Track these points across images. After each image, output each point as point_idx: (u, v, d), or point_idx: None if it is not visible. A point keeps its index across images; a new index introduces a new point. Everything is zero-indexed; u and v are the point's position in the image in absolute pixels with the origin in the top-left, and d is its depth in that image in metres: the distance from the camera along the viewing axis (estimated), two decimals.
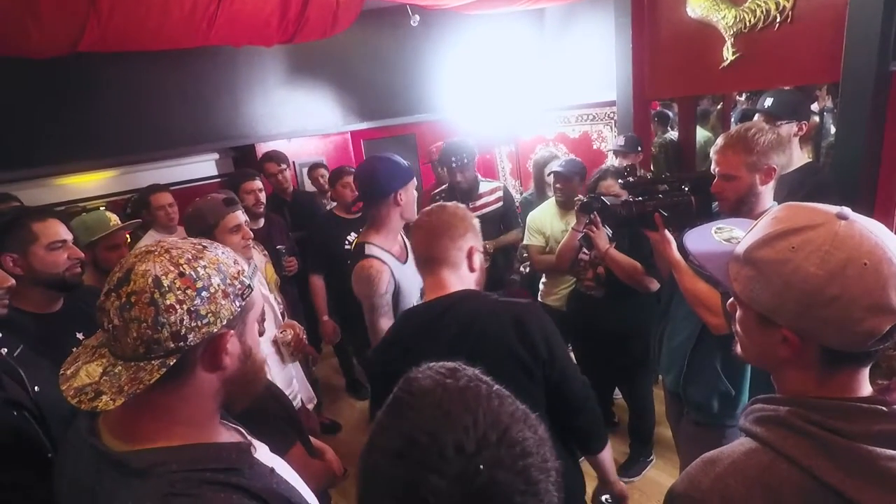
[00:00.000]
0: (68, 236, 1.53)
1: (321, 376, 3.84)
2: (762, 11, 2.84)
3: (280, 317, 2.13)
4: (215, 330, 0.73)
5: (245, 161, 4.16)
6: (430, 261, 1.35)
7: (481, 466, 0.49)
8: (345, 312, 2.91)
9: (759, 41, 2.90)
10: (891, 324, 0.65)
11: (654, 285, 2.30)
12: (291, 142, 4.38)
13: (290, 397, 1.99)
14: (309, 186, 4.43)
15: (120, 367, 0.71)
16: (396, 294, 1.89)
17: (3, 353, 1.20)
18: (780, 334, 0.72)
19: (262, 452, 0.90)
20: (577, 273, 2.64)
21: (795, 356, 0.73)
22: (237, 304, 0.75)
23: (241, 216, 1.88)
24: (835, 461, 0.67)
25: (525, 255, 3.20)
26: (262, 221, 2.99)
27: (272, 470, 0.84)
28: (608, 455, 1.43)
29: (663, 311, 1.92)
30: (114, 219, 2.17)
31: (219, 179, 4.17)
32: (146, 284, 0.69)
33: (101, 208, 2.99)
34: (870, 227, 0.68)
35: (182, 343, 0.70)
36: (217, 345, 0.75)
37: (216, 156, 4.26)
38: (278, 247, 2.93)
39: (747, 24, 2.91)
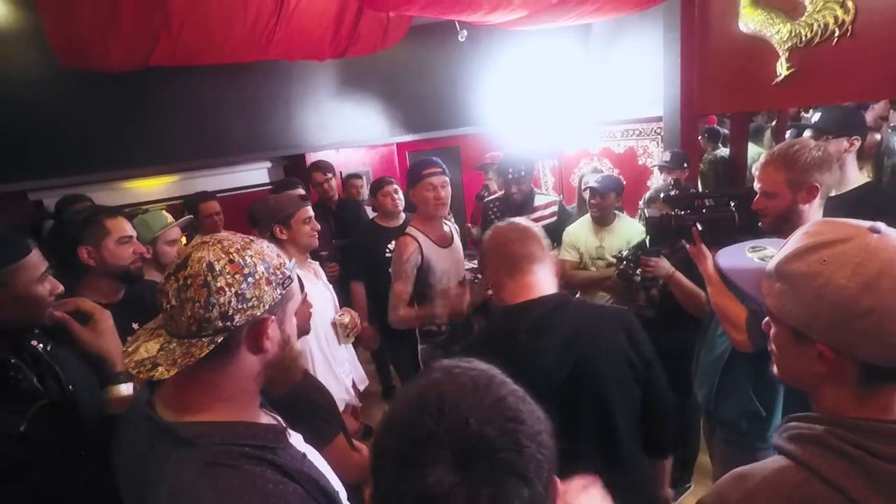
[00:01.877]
0: (133, 233, 1.67)
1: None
2: (819, 26, 2.75)
3: (337, 302, 2.28)
4: (258, 313, 0.80)
5: (295, 170, 4.34)
6: (523, 259, 1.31)
7: (471, 420, 0.55)
8: (384, 319, 2.98)
9: (816, 56, 2.80)
10: None
11: None
12: (339, 152, 4.54)
13: (344, 375, 2.16)
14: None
15: (174, 344, 0.79)
16: (426, 270, 2.23)
17: (41, 350, 1.23)
18: (815, 349, 0.71)
19: (297, 439, 0.96)
20: (630, 295, 2.58)
21: (832, 372, 0.71)
22: (279, 291, 0.83)
23: (311, 210, 2.11)
24: (872, 484, 0.65)
25: None
26: None
27: (304, 455, 0.90)
28: (669, 463, 1.50)
29: (704, 329, 1.88)
30: (170, 217, 2.34)
31: (270, 187, 4.37)
32: (201, 269, 0.77)
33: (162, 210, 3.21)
34: None
35: (229, 322, 0.78)
36: (259, 328, 0.82)
37: (269, 164, 4.47)
38: (321, 253, 3.04)
39: (803, 38, 2.82)
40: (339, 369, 2.10)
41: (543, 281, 1.32)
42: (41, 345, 1.27)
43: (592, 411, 1.23)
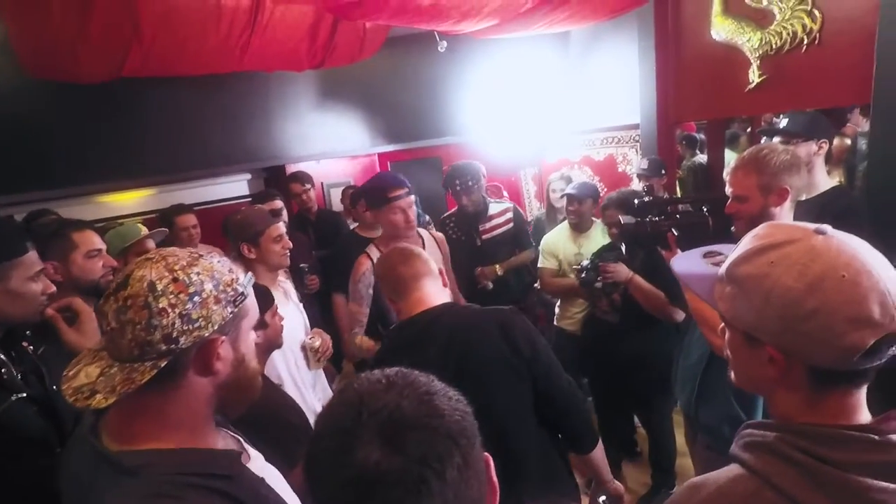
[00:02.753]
0: (102, 246, 1.64)
1: None
2: (788, 34, 2.81)
3: (308, 324, 2.20)
4: (206, 334, 0.76)
5: (276, 181, 4.31)
6: (410, 279, 1.39)
7: (388, 401, 0.57)
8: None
9: (786, 63, 2.86)
10: (875, 337, 0.63)
11: (679, 315, 2.25)
12: (320, 163, 4.52)
13: (315, 402, 2.07)
14: (336, 206, 4.55)
15: (116, 369, 0.75)
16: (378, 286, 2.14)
17: (30, 350, 1.28)
18: (766, 353, 0.71)
19: (256, 462, 0.92)
20: (592, 300, 2.61)
21: (783, 376, 0.71)
22: (229, 310, 0.78)
23: (282, 227, 2.04)
24: (822, 492, 0.64)
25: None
26: None
27: (262, 480, 0.86)
28: (600, 455, 1.45)
29: (682, 332, 1.89)
30: (144, 229, 2.32)
31: (249, 199, 4.33)
32: (141, 288, 0.73)
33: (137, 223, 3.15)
34: (848, 241, 0.68)
35: (173, 345, 0.73)
36: (209, 349, 0.78)
37: (248, 176, 4.42)
38: (301, 265, 3.00)
39: (773, 46, 2.88)
40: (308, 394, 2.03)
41: (432, 294, 1.39)
42: (31, 346, 1.32)
43: (480, 419, 1.25)
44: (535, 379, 1.32)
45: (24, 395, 1.18)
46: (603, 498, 1.52)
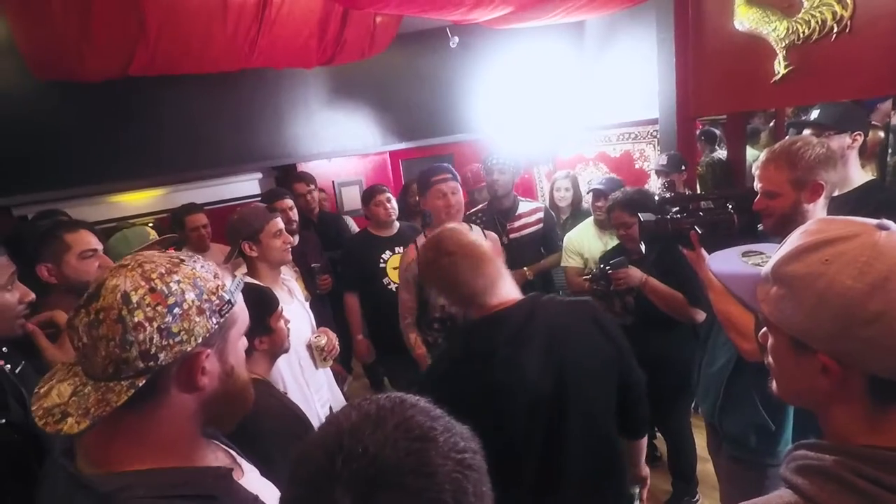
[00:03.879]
0: (99, 246, 1.58)
1: (352, 396, 3.82)
2: (817, 22, 2.68)
3: (314, 323, 2.16)
4: (189, 349, 0.69)
5: (287, 180, 4.28)
6: (490, 285, 1.27)
7: (368, 446, 0.48)
8: (379, 332, 2.89)
9: (814, 53, 2.73)
10: None
11: (700, 316, 2.15)
12: (332, 161, 4.48)
13: (321, 404, 2.03)
14: (348, 205, 4.51)
15: (90, 388, 0.68)
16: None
17: (7, 370, 1.17)
18: (818, 361, 0.63)
19: (250, 478, 0.86)
20: (605, 302, 2.53)
21: (838, 388, 0.63)
22: (214, 320, 0.71)
23: (281, 223, 2.01)
24: None
25: None
26: (296, 239, 3.03)
27: (255, 498, 0.80)
28: (645, 442, 1.54)
29: (704, 337, 1.80)
30: (153, 234, 2.28)
31: (260, 198, 4.30)
32: (114, 301, 0.66)
33: (150, 225, 3.13)
34: None
35: (152, 363, 0.67)
36: (192, 364, 0.71)
37: (260, 175, 4.40)
38: (313, 265, 2.95)
39: (801, 35, 2.75)
40: (314, 396, 1.98)
41: (506, 286, 1.29)
42: (9, 365, 1.20)
43: (578, 409, 1.23)
44: (621, 370, 1.33)
45: (3, 420, 1.08)
46: (636, 487, 1.57)
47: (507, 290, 1.29)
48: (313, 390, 1.98)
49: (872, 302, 0.58)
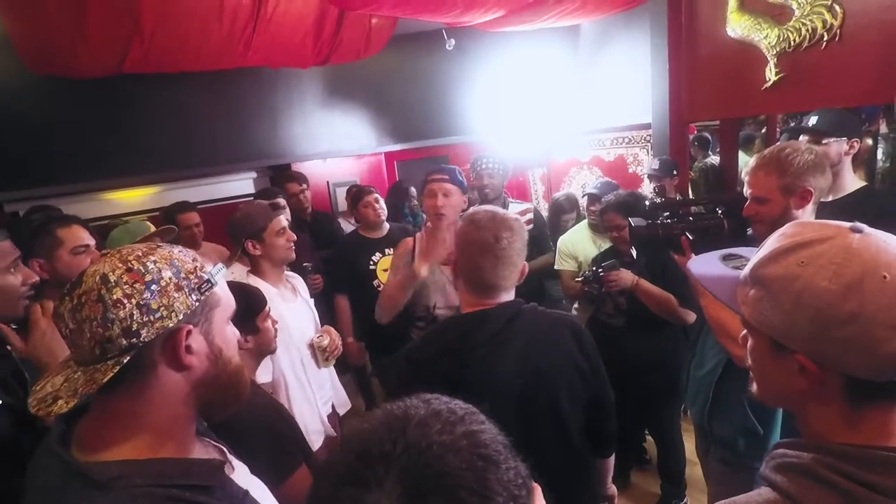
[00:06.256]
0: (91, 241, 1.58)
1: None
2: (807, 30, 2.72)
3: (318, 321, 2.16)
4: (170, 324, 0.71)
5: (279, 180, 4.27)
6: (501, 281, 1.30)
7: (434, 444, 0.46)
8: (370, 334, 2.89)
9: (805, 60, 2.77)
10: None
11: (690, 317, 2.18)
12: (327, 162, 4.47)
13: (323, 402, 2.03)
14: (343, 205, 4.51)
15: (79, 373, 0.70)
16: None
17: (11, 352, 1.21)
18: (796, 362, 0.65)
19: (240, 473, 0.87)
20: (597, 303, 2.54)
21: (815, 388, 0.65)
22: (194, 297, 0.73)
23: (284, 220, 1.99)
24: None
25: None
26: None
27: (246, 493, 0.80)
28: (612, 461, 1.55)
29: (693, 340, 1.82)
30: (152, 227, 2.30)
31: (253, 197, 4.29)
32: (94, 283, 0.69)
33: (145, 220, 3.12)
34: (888, 241, 0.62)
35: (135, 339, 0.69)
36: (175, 340, 0.73)
37: (254, 174, 4.39)
38: (304, 264, 2.94)
39: (791, 43, 2.79)
40: (317, 395, 1.97)
41: (506, 290, 1.31)
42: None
43: (546, 418, 1.25)
44: (594, 386, 1.34)
45: (0, 402, 1.11)
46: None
47: (504, 297, 1.32)
48: (315, 388, 1.98)
49: (847, 303, 0.59)
